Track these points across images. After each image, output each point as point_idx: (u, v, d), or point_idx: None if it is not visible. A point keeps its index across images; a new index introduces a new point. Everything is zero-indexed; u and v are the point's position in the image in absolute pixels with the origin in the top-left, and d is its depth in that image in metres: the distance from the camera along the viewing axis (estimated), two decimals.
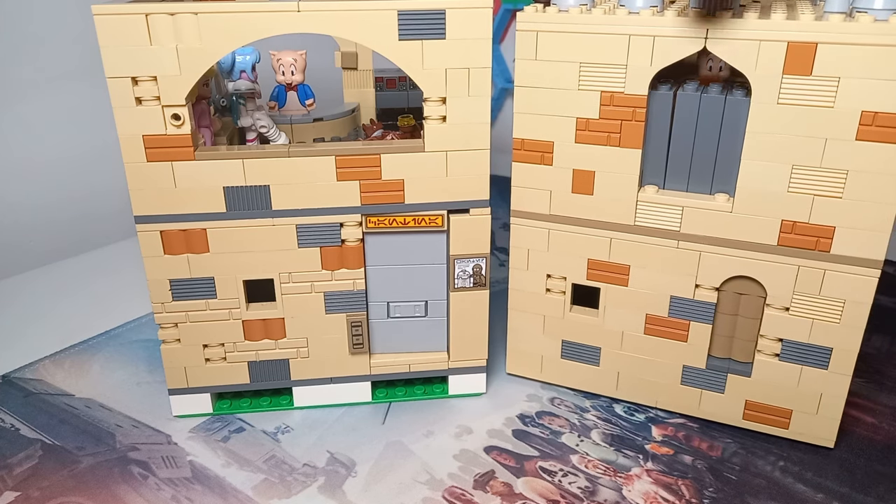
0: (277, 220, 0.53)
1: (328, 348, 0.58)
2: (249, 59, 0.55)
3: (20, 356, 0.67)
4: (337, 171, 0.52)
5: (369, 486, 0.52)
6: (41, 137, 0.93)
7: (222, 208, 0.53)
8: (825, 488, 0.51)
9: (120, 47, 0.48)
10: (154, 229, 0.53)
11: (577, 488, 0.51)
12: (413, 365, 0.59)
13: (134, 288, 0.81)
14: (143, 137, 0.50)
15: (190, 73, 0.49)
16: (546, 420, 0.58)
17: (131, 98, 0.50)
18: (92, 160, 0.98)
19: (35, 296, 0.80)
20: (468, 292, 0.57)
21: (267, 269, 0.55)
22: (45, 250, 0.90)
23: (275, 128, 0.58)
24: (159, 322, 0.56)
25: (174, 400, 0.58)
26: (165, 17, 0.48)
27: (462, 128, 0.52)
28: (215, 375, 0.58)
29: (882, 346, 0.67)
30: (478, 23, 0.50)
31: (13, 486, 0.52)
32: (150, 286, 0.54)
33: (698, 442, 0.56)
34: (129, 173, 0.51)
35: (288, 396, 0.60)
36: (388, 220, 0.54)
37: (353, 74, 0.73)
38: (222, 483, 0.52)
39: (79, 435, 0.57)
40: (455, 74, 0.51)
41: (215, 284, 0.55)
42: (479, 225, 0.55)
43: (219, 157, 0.52)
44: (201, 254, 0.54)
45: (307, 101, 0.58)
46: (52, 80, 0.92)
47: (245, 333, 0.57)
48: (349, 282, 0.56)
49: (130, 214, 0.53)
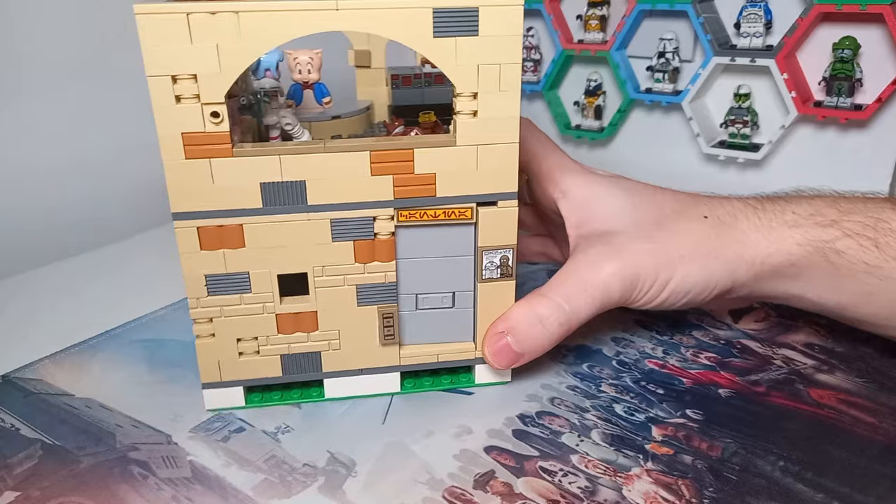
0: (313, 214, 0.55)
1: (359, 340, 0.59)
2: (274, 58, 0.56)
3: (20, 356, 0.67)
4: (371, 165, 0.54)
5: (369, 486, 0.52)
6: (42, 138, 0.93)
7: (259, 204, 0.54)
8: (825, 488, 0.51)
9: (161, 46, 0.49)
10: (191, 225, 0.54)
11: (577, 488, 0.51)
12: (441, 355, 0.61)
13: (134, 288, 0.81)
14: (182, 135, 0.51)
15: (229, 71, 0.50)
16: (546, 420, 0.58)
17: (171, 96, 0.50)
18: (93, 160, 0.98)
19: (35, 296, 0.80)
20: (495, 283, 0.58)
21: (301, 263, 0.56)
22: (46, 250, 0.90)
23: (299, 125, 0.59)
24: (194, 317, 0.56)
25: (207, 394, 0.59)
26: (206, 17, 0.48)
27: (492, 122, 0.53)
28: (248, 369, 0.59)
29: (882, 346, 0.67)
30: (509, 20, 0.51)
31: (13, 486, 0.52)
32: (186, 282, 0.55)
33: (698, 442, 0.56)
34: (167, 171, 0.52)
35: (319, 388, 0.61)
36: (420, 214, 0.56)
37: (366, 72, 0.73)
38: (222, 483, 0.52)
39: (79, 435, 0.57)
40: (487, 70, 0.52)
41: (250, 279, 0.56)
42: (506, 217, 0.56)
43: (256, 153, 0.53)
44: (237, 249, 0.55)
45: (324, 98, 0.58)
46: (51, 80, 0.92)
47: (278, 327, 0.58)
48: (381, 274, 0.57)
49: (130, 215, 0.53)
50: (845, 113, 0.95)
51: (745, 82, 1.04)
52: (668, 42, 1.07)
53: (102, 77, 0.97)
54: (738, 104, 1.04)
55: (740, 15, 1.00)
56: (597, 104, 1.18)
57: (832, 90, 0.96)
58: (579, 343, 0.69)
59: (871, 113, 0.94)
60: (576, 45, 1.16)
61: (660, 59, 1.09)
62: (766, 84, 1.03)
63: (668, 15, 1.08)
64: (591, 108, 1.18)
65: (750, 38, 1.00)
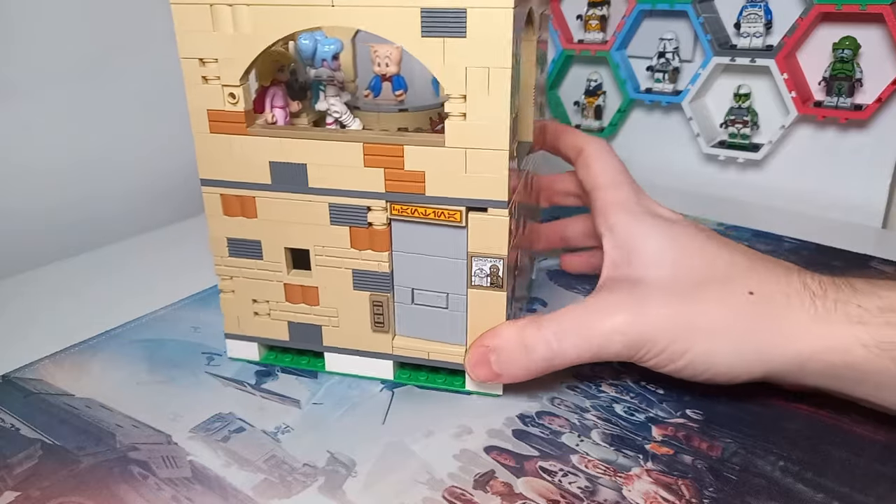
0: (313, 196, 0.58)
1: (354, 322, 0.62)
2: (330, 49, 0.58)
3: (20, 356, 0.67)
4: (364, 157, 0.56)
5: (369, 486, 0.52)
6: (42, 138, 0.93)
7: (268, 180, 0.59)
8: (825, 488, 0.51)
9: (190, 32, 0.55)
10: (215, 192, 0.60)
11: (577, 488, 0.51)
12: (431, 353, 0.61)
13: (134, 288, 0.81)
14: (207, 111, 0.57)
15: (244, 57, 0.55)
16: (546, 420, 0.58)
17: (199, 76, 0.57)
18: (93, 160, 0.98)
19: (35, 296, 0.80)
20: (485, 291, 0.58)
21: (304, 241, 0.60)
22: (46, 250, 0.90)
23: (348, 113, 0.60)
24: (218, 274, 0.63)
25: (230, 343, 0.66)
26: (225, 7, 0.54)
27: (481, 126, 0.53)
28: (262, 328, 0.65)
29: None
30: (498, 23, 0.50)
31: (13, 486, 0.52)
32: (212, 241, 0.62)
33: (698, 442, 0.56)
34: (196, 141, 0.59)
35: (323, 360, 0.65)
36: (411, 210, 0.57)
37: None
38: (222, 483, 0.52)
39: (79, 435, 0.57)
40: (475, 73, 0.52)
41: (262, 247, 0.61)
42: (496, 225, 0.56)
43: (266, 134, 0.57)
44: (251, 219, 0.60)
45: (397, 91, 0.61)
46: (51, 80, 0.92)
47: (286, 295, 0.62)
48: (375, 263, 0.59)
49: (130, 215, 0.54)
50: (845, 113, 0.95)
51: (745, 82, 1.04)
52: (668, 42, 1.08)
53: (103, 77, 0.97)
54: (738, 104, 1.04)
55: (740, 15, 1.00)
56: (597, 104, 1.18)
57: (832, 90, 0.96)
58: None
59: (871, 113, 0.94)
60: (576, 45, 1.16)
61: (660, 59, 1.09)
62: (766, 84, 1.03)
63: (668, 15, 1.08)
64: (591, 108, 1.19)
65: (750, 38, 1.00)
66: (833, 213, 1.02)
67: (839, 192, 1.02)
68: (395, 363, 0.63)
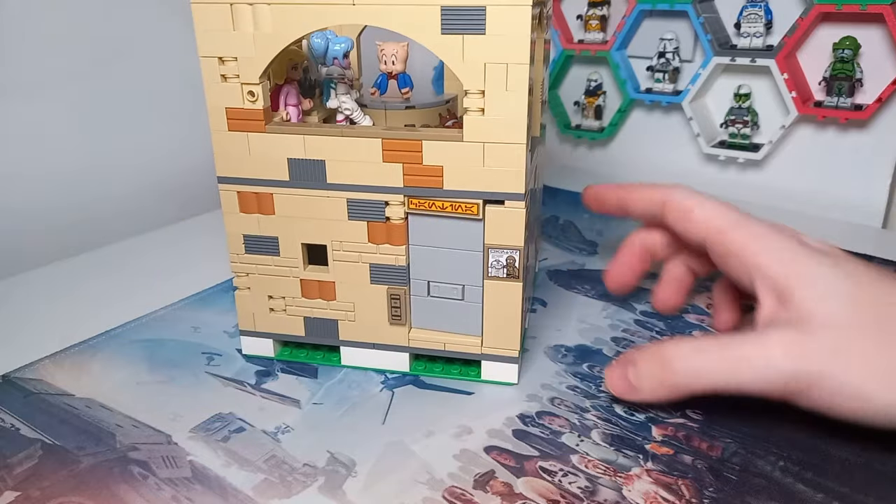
0: (331, 192, 0.59)
1: (372, 316, 0.63)
2: (341, 48, 0.59)
3: (20, 356, 0.67)
4: (383, 153, 0.57)
5: (369, 486, 0.52)
6: (42, 138, 0.93)
7: (286, 177, 0.59)
8: (825, 488, 0.51)
9: (210, 31, 0.56)
10: (232, 189, 0.61)
11: (577, 488, 0.51)
12: (448, 344, 0.63)
13: (134, 288, 0.81)
14: (225, 109, 0.58)
15: (264, 56, 0.56)
16: (546, 420, 0.58)
17: (218, 75, 0.57)
18: (93, 161, 0.98)
19: (35, 296, 0.80)
20: (501, 282, 0.59)
21: (321, 236, 0.61)
22: (45, 250, 0.90)
23: (359, 110, 0.61)
24: (234, 271, 0.64)
25: (244, 340, 0.67)
26: (245, 7, 0.55)
27: (499, 121, 0.54)
28: (277, 324, 0.65)
29: None
30: (518, 20, 0.51)
31: (13, 486, 0.52)
32: (228, 238, 0.63)
33: (698, 442, 0.56)
34: (214, 139, 0.59)
35: (339, 355, 0.66)
36: (428, 204, 0.58)
37: None
38: (222, 483, 0.52)
39: (79, 435, 0.57)
40: (494, 69, 0.53)
41: (279, 244, 0.62)
42: (513, 217, 0.57)
43: (284, 131, 0.58)
44: (268, 215, 0.61)
45: (403, 89, 0.62)
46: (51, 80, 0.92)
47: (302, 291, 0.63)
48: (392, 257, 0.60)
49: (130, 215, 0.54)
50: (845, 113, 0.95)
51: (746, 82, 1.04)
52: (668, 42, 1.08)
53: (103, 78, 0.97)
54: (738, 104, 1.04)
55: (740, 15, 1.00)
56: (597, 104, 1.18)
57: (832, 90, 0.96)
58: (579, 343, 0.69)
59: (871, 113, 0.94)
60: (576, 45, 1.16)
61: (660, 59, 1.09)
62: (766, 84, 1.03)
63: (668, 15, 1.08)
64: (592, 108, 1.18)
65: (750, 38, 1.00)
66: (833, 213, 1.02)
67: (839, 192, 1.02)
68: (410, 355, 0.64)
